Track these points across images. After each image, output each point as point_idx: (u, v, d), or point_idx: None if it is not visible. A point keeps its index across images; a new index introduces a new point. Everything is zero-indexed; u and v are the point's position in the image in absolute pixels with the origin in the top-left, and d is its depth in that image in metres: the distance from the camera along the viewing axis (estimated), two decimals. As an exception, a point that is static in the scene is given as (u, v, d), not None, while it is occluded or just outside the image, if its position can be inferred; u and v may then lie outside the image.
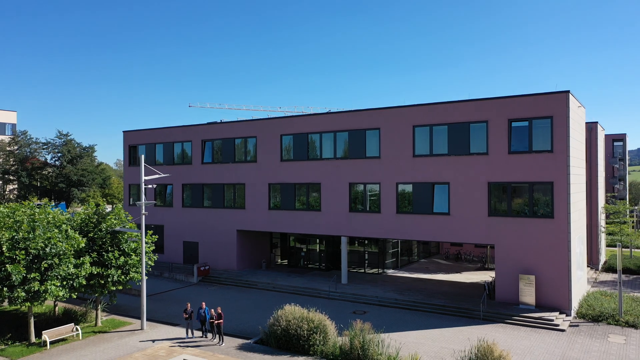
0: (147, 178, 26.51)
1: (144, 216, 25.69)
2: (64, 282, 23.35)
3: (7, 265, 21.06)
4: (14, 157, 67.20)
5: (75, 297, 25.10)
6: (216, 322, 23.50)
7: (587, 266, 40.70)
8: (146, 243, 26.78)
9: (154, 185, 29.47)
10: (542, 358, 21.13)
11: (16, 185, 68.84)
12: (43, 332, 23.50)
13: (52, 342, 23.57)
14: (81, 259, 24.14)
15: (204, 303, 24.95)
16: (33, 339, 23.71)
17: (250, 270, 39.66)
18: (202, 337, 24.38)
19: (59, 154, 68.09)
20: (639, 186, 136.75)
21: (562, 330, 24.84)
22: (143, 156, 26.70)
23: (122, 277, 25.76)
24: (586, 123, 40.91)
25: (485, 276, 36.77)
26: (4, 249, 21.51)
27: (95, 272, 24.85)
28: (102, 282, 25.13)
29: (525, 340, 23.42)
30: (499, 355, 18.07)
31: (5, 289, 21.37)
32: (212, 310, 24.35)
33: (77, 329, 24.59)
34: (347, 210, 33.90)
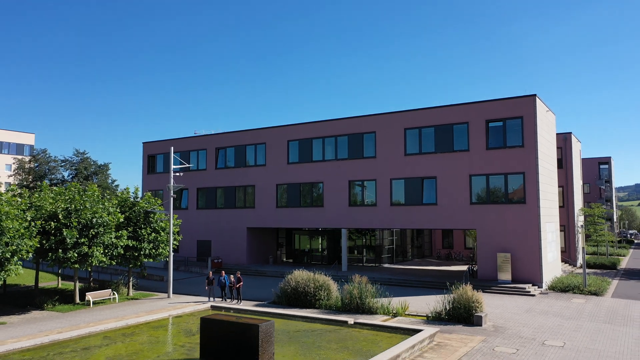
0: (175, 167, 30.86)
1: (172, 198, 29.89)
2: (106, 250, 27.41)
3: (64, 230, 25.17)
4: (33, 173, 71.58)
5: (114, 264, 28.97)
6: (236, 285, 27.41)
7: (566, 262, 44.61)
8: (173, 224, 30.89)
9: (181, 174, 33.65)
10: (511, 310, 25.07)
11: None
12: (87, 293, 27.46)
13: (93, 303, 27.46)
14: (120, 232, 28.26)
15: (223, 272, 28.93)
16: (77, 299, 27.59)
17: (258, 264, 43.53)
18: (222, 300, 28.22)
19: (76, 171, 72.45)
20: (630, 211, 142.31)
21: (533, 296, 28.82)
22: (172, 148, 31.14)
23: (153, 250, 29.80)
24: (561, 133, 45.69)
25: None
26: (60, 216, 25.67)
27: (131, 245, 28.94)
28: (136, 254, 29.17)
29: (500, 301, 27.36)
30: (472, 294, 22.08)
31: (60, 250, 25.39)
32: (232, 276, 28.29)
33: (114, 293, 28.52)
34: (347, 205, 38.12)
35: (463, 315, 21.90)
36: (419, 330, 18.43)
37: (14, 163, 75.21)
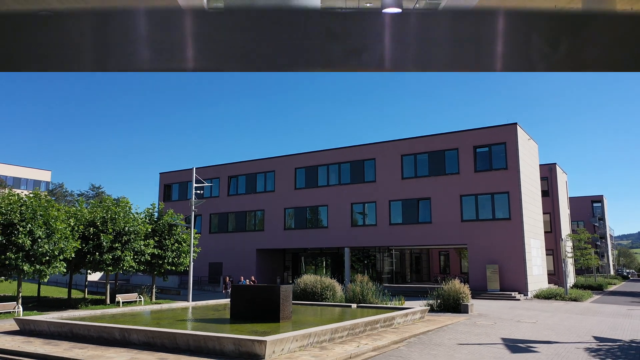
0: (197, 185, 34.59)
1: (193, 213, 33.50)
2: (135, 256, 30.78)
3: (101, 235, 28.68)
4: (50, 206, 75.35)
5: (142, 269, 32.22)
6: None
7: (555, 284, 47.48)
8: (193, 237, 34.32)
9: (202, 191, 37.30)
10: (496, 307, 28.17)
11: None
12: (117, 295, 30.62)
13: (122, 304, 30.58)
14: (147, 240, 31.71)
15: (242, 277, 32.19)
16: (108, 301, 30.73)
17: (267, 284, 46.48)
18: (237, 303, 31.32)
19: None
20: (627, 252, 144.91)
21: (518, 300, 31.89)
22: (194, 168, 34.97)
23: (175, 259, 33.15)
24: (546, 164, 49.60)
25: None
26: (97, 223, 29.23)
27: (156, 253, 32.32)
28: (160, 262, 32.51)
29: (488, 303, 30.41)
30: (460, 286, 25.33)
31: (97, 253, 28.80)
32: (248, 280, 31.50)
33: (140, 297, 31.66)
34: (350, 226, 41.58)
35: (452, 305, 25.06)
36: (412, 308, 21.68)
37: (31, 197, 79.08)
